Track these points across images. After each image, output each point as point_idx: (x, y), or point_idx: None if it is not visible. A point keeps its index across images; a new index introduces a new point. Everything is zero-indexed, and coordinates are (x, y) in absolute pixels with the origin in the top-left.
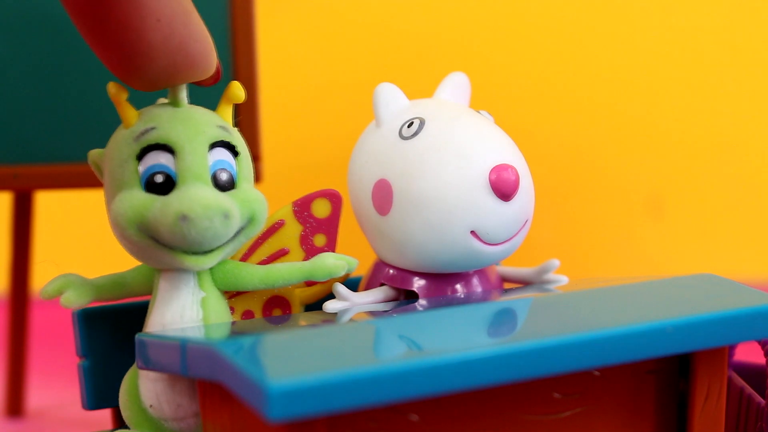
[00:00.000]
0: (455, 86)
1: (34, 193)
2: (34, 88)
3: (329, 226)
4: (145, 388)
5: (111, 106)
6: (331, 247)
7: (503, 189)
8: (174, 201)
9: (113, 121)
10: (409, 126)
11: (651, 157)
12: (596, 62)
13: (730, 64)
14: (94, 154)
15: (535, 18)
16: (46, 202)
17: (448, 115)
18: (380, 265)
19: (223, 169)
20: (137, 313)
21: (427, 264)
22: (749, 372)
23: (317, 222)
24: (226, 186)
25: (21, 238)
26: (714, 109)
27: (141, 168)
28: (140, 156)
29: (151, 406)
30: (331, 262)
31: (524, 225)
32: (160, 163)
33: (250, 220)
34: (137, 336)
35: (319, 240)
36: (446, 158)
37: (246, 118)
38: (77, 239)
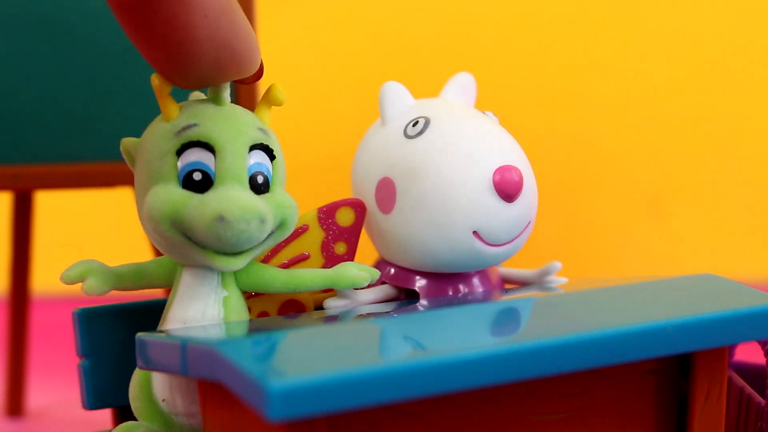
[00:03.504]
0: (461, 86)
1: (34, 193)
2: (34, 88)
3: (351, 235)
4: (160, 381)
5: (111, 106)
6: (350, 255)
7: (507, 190)
8: (212, 200)
9: (114, 121)
10: (414, 125)
11: (651, 156)
12: (596, 62)
13: (730, 65)
14: (128, 142)
15: (537, 20)
16: (46, 202)
17: (453, 116)
18: (382, 263)
19: (260, 172)
20: (137, 313)
21: (428, 263)
22: (749, 372)
23: (340, 230)
24: (261, 189)
25: (21, 238)
26: (714, 108)
27: (180, 163)
28: (180, 151)
29: (164, 400)
30: (355, 273)
31: (527, 227)
32: (199, 160)
33: (281, 225)
34: (137, 336)
35: (340, 248)
36: (450, 158)
37: None
38: (77, 239)
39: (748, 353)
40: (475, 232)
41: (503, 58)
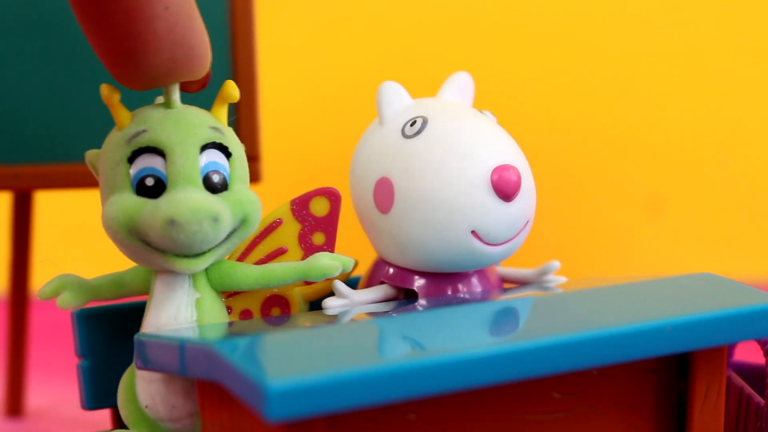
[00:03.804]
0: (459, 86)
1: (34, 193)
2: (34, 88)
3: (328, 225)
4: (141, 388)
5: None
6: (330, 245)
7: (505, 189)
8: (163, 205)
9: (114, 121)
10: (411, 125)
11: (651, 157)
12: (596, 62)
13: (730, 65)
14: (90, 154)
15: (536, 18)
16: (46, 202)
17: (451, 115)
18: (380, 263)
19: (215, 171)
20: (136, 313)
21: (427, 263)
22: (749, 372)
23: (316, 220)
24: (218, 188)
25: (21, 238)
26: (714, 109)
27: (132, 171)
28: (131, 159)
29: (146, 406)
30: (326, 263)
31: (525, 226)
32: (150, 166)
33: (243, 222)
34: (136, 336)
35: (318, 238)
36: (448, 157)
37: (246, 118)
38: (77, 239)
39: (747, 353)
40: (473, 232)
41: (501, 58)
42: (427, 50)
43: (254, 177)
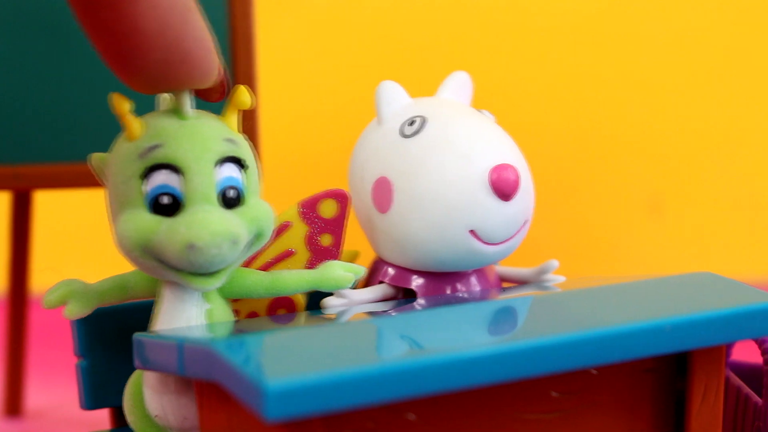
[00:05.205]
0: (457, 85)
1: (33, 193)
2: (34, 88)
3: (336, 226)
4: (151, 398)
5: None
6: (337, 246)
7: (503, 189)
8: (181, 227)
9: (113, 121)
10: (410, 124)
11: (651, 157)
12: (595, 62)
13: (730, 65)
14: (96, 158)
15: (536, 18)
16: (46, 202)
17: (449, 114)
18: (379, 263)
19: (231, 186)
20: (136, 313)
21: (425, 262)
22: (746, 371)
23: (324, 222)
24: (233, 202)
25: (20, 238)
26: (714, 109)
27: (146, 188)
28: (145, 174)
29: (156, 416)
30: (339, 274)
31: (523, 225)
32: (165, 183)
33: (257, 237)
34: (135, 336)
35: (326, 240)
36: (447, 157)
37: (245, 118)
38: (76, 239)
39: (745, 353)
40: (472, 231)
41: (500, 57)
42: (426, 50)
43: None
